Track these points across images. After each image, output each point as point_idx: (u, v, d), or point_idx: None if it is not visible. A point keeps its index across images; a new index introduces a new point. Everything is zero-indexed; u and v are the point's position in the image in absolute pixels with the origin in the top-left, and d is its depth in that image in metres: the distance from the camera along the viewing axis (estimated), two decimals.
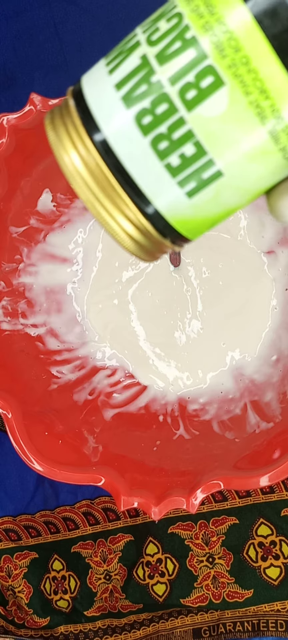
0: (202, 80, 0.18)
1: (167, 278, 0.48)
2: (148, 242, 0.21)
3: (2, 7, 0.49)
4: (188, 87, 0.18)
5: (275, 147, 0.18)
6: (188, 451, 0.44)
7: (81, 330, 0.49)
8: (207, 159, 0.18)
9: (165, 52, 0.18)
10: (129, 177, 0.19)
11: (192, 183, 0.19)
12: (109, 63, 0.19)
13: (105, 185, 0.19)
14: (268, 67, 0.17)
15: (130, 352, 0.48)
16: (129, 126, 0.19)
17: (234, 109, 0.18)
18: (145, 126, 0.19)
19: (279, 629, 0.47)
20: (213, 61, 0.17)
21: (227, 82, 0.17)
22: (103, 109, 0.19)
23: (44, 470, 0.37)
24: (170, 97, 0.18)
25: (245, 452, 0.41)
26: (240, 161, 0.18)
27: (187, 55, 0.18)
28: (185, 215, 0.20)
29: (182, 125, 0.18)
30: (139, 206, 0.20)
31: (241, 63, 0.17)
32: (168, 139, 0.18)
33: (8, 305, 0.46)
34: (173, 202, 0.19)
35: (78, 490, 0.50)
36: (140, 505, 0.37)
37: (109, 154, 0.19)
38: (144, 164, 0.19)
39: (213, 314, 0.48)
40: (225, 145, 0.18)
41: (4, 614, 0.51)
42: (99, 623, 0.50)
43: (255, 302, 0.48)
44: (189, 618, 0.48)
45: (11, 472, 0.51)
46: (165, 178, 0.19)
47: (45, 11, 0.49)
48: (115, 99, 0.19)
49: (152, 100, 0.18)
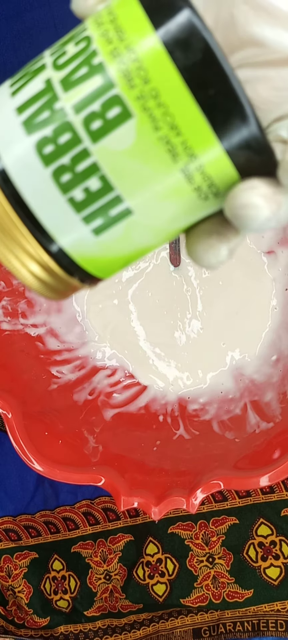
0: (108, 111, 0.16)
1: (167, 278, 0.48)
2: (55, 281, 0.19)
3: (2, 7, 0.49)
4: (93, 117, 0.17)
5: (188, 187, 0.17)
6: (188, 451, 0.44)
7: (81, 330, 0.49)
8: (114, 195, 0.17)
9: (71, 77, 0.17)
10: (29, 211, 0.18)
11: (99, 220, 0.18)
12: (13, 84, 0.18)
13: (5, 219, 0.18)
14: (179, 101, 0.16)
15: (130, 352, 0.48)
16: (29, 154, 0.17)
17: (143, 144, 0.16)
18: (47, 156, 0.17)
19: (279, 629, 0.47)
20: (121, 90, 0.16)
21: (134, 114, 0.16)
22: (1, 135, 0.17)
23: (44, 470, 0.37)
24: (74, 127, 0.17)
25: (245, 452, 0.41)
26: (151, 199, 0.17)
27: (93, 82, 0.17)
28: (93, 254, 0.18)
29: (87, 157, 0.17)
30: (42, 243, 0.18)
31: (150, 96, 0.16)
32: (71, 171, 0.17)
33: (8, 305, 0.46)
34: (78, 240, 0.18)
35: (78, 490, 0.50)
36: (140, 505, 0.37)
37: (7, 184, 0.17)
38: (46, 197, 0.17)
39: (213, 314, 0.48)
40: (133, 181, 0.17)
41: (4, 614, 0.51)
42: (99, 623, 0.50)
43: (255, 302, 0.48)
44: (189, 618, 0.48)
45: (11, 472, 0.51)
46: (68, 213, 0.17)
47: (45, 11, 0.49)
48: (16, 123, 0.17)
49: (54, 128, 0.17)
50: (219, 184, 0.17)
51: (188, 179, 0.17)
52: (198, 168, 0.17)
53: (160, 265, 0.49)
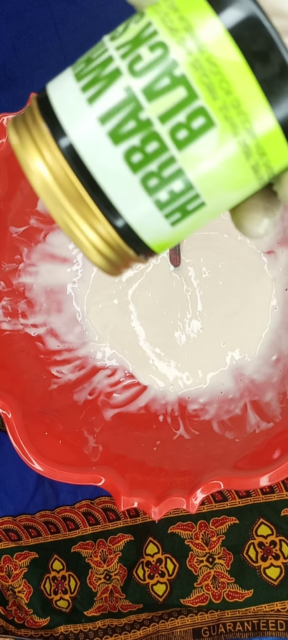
0: (193, 121, 0.18)
1: (167, 278, 0.48)
2: (118, 257, 0.21)
3: (2, 7, 0.49)
4: (179, 127, 0.18)
5: (254, 178, 0.19)
6: (188, 451, 0.44)
7: (81, 330, 0.49)
8: (194, 194, 0.19)
9: (153, 87, 0.18)
10: (116, 212, 0.19)
11: (177, 214, 0.19)
12: (86, 88, 0.19)
13: (81, 203, 0.19)
14: (258, 110, 0.18)
15: (130, 352, 0.48)
16: (117, 163, 0.18)
17: (223, 148, 0.18)
18: (135, 164, 0.18)
19: (279, 629, 0.47)
20: (205, 102, 0.17)
21: (217, 123, 0.18)
22: (87, 143, 0.18)
23: (44, 470, 0.37)
24: (161, 136, 0.18)
25: (245, 452, 0.41)
26: (223, 192, 0.19)
27: (177, 93, 0.18)
28: (164, 238, 0.20)
29: (173, 163, 0.18)
30: (118, 229, 0.19)
31: (232, 106, 0.17)
32: (158, 176, 0.18)
33: (8, 305, 0.46)
34: (157, 230, 0.20)
35: (78, 490, 0.50)
36: (140, 505, 0.37)
37: (96, 192, 0.19)
38: (132, 198, 0.19)
39: (213, 314, 0.48)
40: (211, 180, 0.19)
41: (4, 614, 0.51)
42: (99, 623, 0.50)
43: (255, 302, 0.48)
44: (189, 618, 0.48)
45: (11, 472, 0.51)
46: (153, 212, 0.19)
47: (45, 11, 0.49)
48: (101, 134, 0.18)
49: (141, 138, 0.18)
50: (274, 163, 0.19)
51: (255, 171, 0.19)
52: (266, 162, 0.18)
53: (160, 265, 0.49)
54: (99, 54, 0.19)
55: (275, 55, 0.17)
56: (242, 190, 0.19)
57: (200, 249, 0.48)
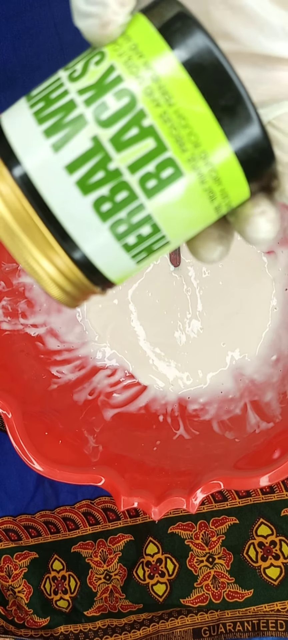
0: (162, 172, 0.18)
1: (167, 278, 0.48)
2: (77, 290, 0.21)
3: (2, 7, 0.49)
4: (148, 177, 0.18)
5: (215, 215, 0.20)
6: (188, 451, 0.44)
7: (81, 330, 0.49)
8: (160, 235, 0.19)
9: (122, 137, 0.18)
10: (84, 257, 0.19)
11: (143, 254, 0.20)
12: (49, 133, 0.18)
13: (49, 249, 0.19)
14: (224, 159, 0.18)
15: (130, 352, 0.48)
16: (85, 212, 0.18)
17: (190, 194, 0.18)
18: (104, 213, 0.18)
19: (279, 629, 0.47)
20: (174, 154, 0.18)
21: (185, 173, 0.18)
22: (54, 192, 0.18)
23: (44, 470, 0.37)
24: (131, 185, 0.18)
25: (245, 452, 0.41)
26: (187, 230, 0.20)
27: (146, 144, 0.18)
28: (127, 273, 0.21)
29: (142, 210, 0.19)
30: (84, 270, 0.20)
31: (200, 157, 0.18)
32: (127, 223, 0.19)
33: (8, 305, 0.46)
34: (122, 269, 0.20)
35: (78, 490, 0.50)
36: (140, 505, 0.37)
37: (67, 241, 0.19)
38: (101, 244, 0.19)
39: (213, 314, 0.48)
40: (177, 222, 0.19)
41: (4, 614, 0.51)
42: (99, 623, 0.50)
43: (255, 302, 0.48)
44: (189, 618, 0.48)
45: (11, 472, 0.51)
46: (120, 255, 0.19)
47: (45, 11, 0.49)
48: (69, 184, 0.18)
49: (111, 188, 0.18)
50: (234, 201, 0.19)
51: (217, 211, 0.19)
52: (228, 203, 0.19)
53: (160, 265, 0.49)
54: (59, 94, 0.18)
55: (241, 108, 0.18)
56: (203, 226, 0.20)
57: None
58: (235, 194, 0.19)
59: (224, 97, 0.18)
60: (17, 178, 0.18)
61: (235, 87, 0.18)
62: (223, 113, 0.18)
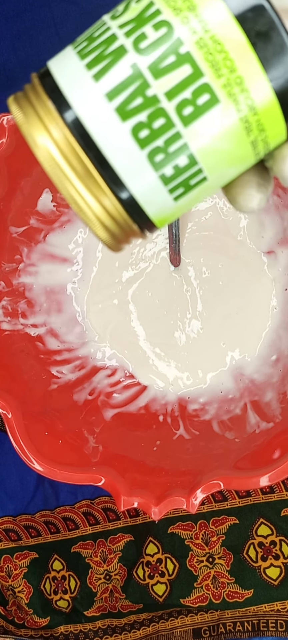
0: (199, 98, 0.18)
1: (167, 278, 0.48)
2: (121, 231, 0.21)
3: (2, 8, 0.49)
4: (185, 104, 0.18)
5: (252, 153, 0.20)
6: (188, 451, 0.44)
7: (81, 330, 0.49)
8: (197, 168, 0.19)
9: (159, 65, 0.18)
10: (123, 186, 0.19)
11: (181, 189, 0.20)
12: (91, 66, 0.19)
13: (89, 179, 0.19)
14: (259, 87, 0.18)
15: (130, 352, 0.48)
16: (124, 139, 0.19)
17: (226, 124, 0.19)
18: (142, 139, 0.19)
19: (279, 629, 0.47)
20: (210, 79, 0.18)
21: (222, 100, 0.18)
22: (94, 119, 0.19)
23: (44, 470, 0.37)
24: (167, 112, 0.18)
25: (245, 452, 0.41)
26: (224, 167, 0.20)
27: (183, 71, 0.18)
28: (166, 213, 0.21)
29: (179, 139, 0.19)
30: (124, 203, 0.20)
31: (235, 83, 0.18)
32: (164, 152, 0.19)
33: (8, 305, 0.46)
34: (160, 205, 0.20)
35: (78, 490, 0.50)
36: (140, 505, 0.37)
37: (103, 166, 0.19)
38: (139, 173, 0.19)
39: (213, 314, 0.48)
40: (214, 155, 0.19)
41: (4, 614, 0.51)
42: (99, 623, 0.50)
43: (255, 302, 0.48)
44: (189, 618, 0.48)
45: (11, 472, 0.51)
46: (158, 186, 0.20)
47: (45, 11, 0.49)
48: (108, 110, 0.19)
49: (148, 114, 0.18)
50: (271, 139, 0.20)
51: (254, 147, 0.19)
52: (264, 138, 0.19)
53: (160, 265, 0.49)
54: (101, 32, 0.19)
55: (275, 34, 0.18)
56: (240, 166, 0.20)
57: (200, 249, 0.48)
58: (272, 130, 0.19)
59: (258, 23, 0.18)
60: (65, 118, 0.19)
61: (268, 13, 0.18)
62: (258, 39, 0.18)
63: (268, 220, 0.47)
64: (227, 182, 0.21)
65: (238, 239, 0.48)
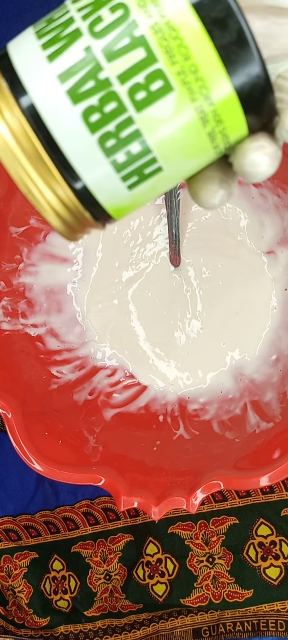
0: (152, 84, 0.18)
1: (167, 278, 0.48)
2: (75, 220, 0.21)
3: (2, 8, 0.49)
4: (137, 88, 0.18)
5: (210, 146, 0.19)
6: (188, 451, 0.44)
7: (81, 330, 0.49)
8: (151, 157, 0.19)
9: (113, 47, 0.18)
10: (74, 173, 0.19)
11: (134, 177, 0.19)
12: (46, 46, 0.19)
13: (39, 162, 0.19)
14: (216, 77, 0.18)
15: (130, 352, 0.48)
16: (75, 122, 0.18)
17: (180, 113, 0.18)
18: (93, 124, 0.18)
19: (279, 629, 0.47)
20: (164, 66, 0.18)
21: (175, 87, 0.18)
22: (44, 99, 0.18)
23: (44, 470, 0.37)
24: (119, 96, 0.18)
25: (245, 452, 0.41)
26: (180, 158, 0.19)
27: (137, 54, 0.18)
28: (121, 203, 0.20)
29: (131, 124, 0.18)
30: (75, 190, 0.19)
31: (190, 71, 0.18)
32: (116, 137, 0.18)
33: (8, 305, 0.46)
34: (114, 194, 0.20)
35: (78, 490, 0.50)
36: (140, 505, 0.37)
37: (53, 148, 0.19)
38: (90, 159, 0.19)
39: (213, 314, 0.48)
40: (168, 144, 0.19)
41: (4, 614, 0.51)
42: (99, 623, 0.50)
43: (255, 302, 0.48)
44: (189, 618, 0.48)
45: (11, 472, 0.51)
46: (110, 174, 0.19)
47: (45, 11, 0.49)
48: (60, 92, 0.18)
49: (100, 97, 0.18)
50: (230, 132, 0.19)
51: (212, 139, 0.19)
52: (222, 130, 0.19)
53: (160, 265, 0.49)
54: (60, 14, 0.19)
55: (232, 22, 0.17)
56: (199, 159, 0.20)
57: (200, 249, 0.48)
58: (231, 123, 0.19)
59: (215, 9, 0.17)
60: (17, 98, 0.19)
61: (226, 1, 0.17)
62: (214, 26, 0.17)
63: (268, 220, 0.47)
64: (187, 175, 0.21)
65: (238, 239, 0.48)
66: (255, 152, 0.19)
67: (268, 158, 0.20)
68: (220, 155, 0.20)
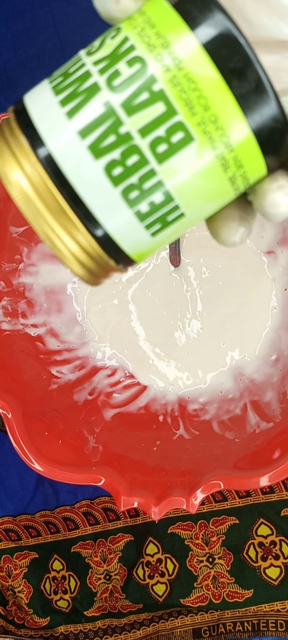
0: (173, 136, 0.18)
1: (167, 278, 0.49)
2: (98, 267, 0.21)
3: (2, 8, 0.49)
4: (159, 141, 0.18)
5: (231, 189, 0.19)
6: (188, 451, 0.44)
7: (81, 330, 0.49)
8: (174, 205, 0.19)
9: (132, 102, 0.18)
10: (97, 224, 0.19)
11: (157, 225, 0.20)
12: (64, 103, 0.19)
13: (63, 216, 0.19)
14: (235, 124, 0.18)
15: (130, 352, 0.48)
16: (97, 177, 0.19)
17: (202, 161, 0.18)
18: (116, 177, 0.19)
19: (279, 629, 0.47)
20: (184, 118, 0.18)
21: (196, 138, 0.18)
22: (67, 156, 0.19)
23: (44, 470, 0.37)
24: (141, 150, 0.18)
25: (245, 452, 0.41)
26: (202, 203, 0.20)
27: (157, 108, 0.18)
28: (144, 248, 0.21)
29: (153, 176, 0.19)
30: (99, 240, 0.20)
31: (210, 121, 0.18)
32: (139, 188, 0.19)
33: (8, 305, 0.46)
34: (137, 241, 0.20)
35: (78, 490, 0.50)
36: (140, 505, 0.37)
37: (78, 205, 0.19)
38: (113, 210, 0.19)
39: (213, 314, 0.48)
40: (190, 191, 0.19)
41: (4, 614, 0.51)
42: (99, 623, 0.50)
43: (255, 302, 0.48)
44: (189, 618, 0.48)
45: (11, 472, 0.51)
46: (134, 223, 0.19)
47: (45, 11, 0.49)
48: (81, 148, 0.18)
49: (122, 151, 0.18)
50: (250, 174, 0.19)
51: (232, 183, 0.19)
52: (243, 174, 0.19)
53: (160, 266, 0.49)
54: (76, 68, 0.19)
55: (250, 71, 0.18)
56: (220, 201, 0.20)
57: (200, 249, 0.48)
58: (251, 166, 0.19)
59: (233, 59, 0.18)
60: (38, 154, 0.19)
61: (243, 49, 0.18)
62: (233, 76, 0.18)
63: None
64: (208, 216, 0.21)
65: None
66: (275, 193, 0.20)
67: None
68: (240, 194, 0.20)
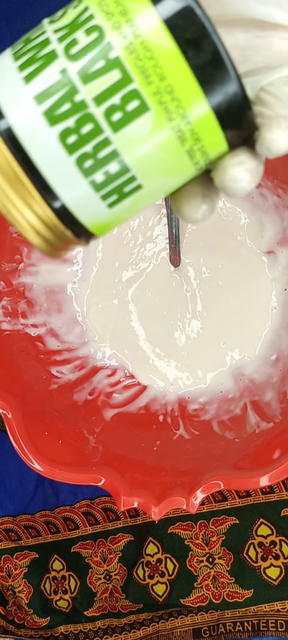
0: (128, 104, 0.18)
1: (167, 278, 0.48)
2: (56, 238, 0.21)
3: (2, 7, 0.49)
4: (113, 109, 0.18)
5: (190, 163, 0.19)
6: (188, 451, 0.44)
7: (81, 330, 0.49)
8: (130, 176, 0.19)
9: (88, 70, 0.18)
10: (53, 193, 0.19)
11: (114, 196, 0.20)
12: (23, 67, 0.19)
13: (18, 183, 0.19)
14: (192, 97, 0.18)
15: (130, 352, 0.48)
16: (52, 144, 0.18)
17: (157, 132, 0.18)
18: (70, 145, 0.18)
19: (279, 629, 0.47)
20: (139, 86, 0.18)
21: (151, 107, 0.18)
22: (21, 119, 0.18)
23: (44, 470, 0.37)
24: (96, 118, 0.18)
25: (245, 452, 0.41)
26: (160, 176, 0.19)
27: (112, 76, 0.18)
28: (102, 220, 0.20)
29: (108, 145, 0.18)
30: (54, 209, 0.20)
31: (165, 91, 0.18)
32: (93, 157, 0.19)
33: (8, 305, 0.46)
34: (94, 212, 0.20)
35: (78, 490, 0.50)
36: (140, 505, 0.37)
37: (32, 171, 0.19)
38: (68, 179, 0.19)
39: (213, 314, 0.48)
40: (147, 163, 0.19)
41: (4, 614, 0.51)
42: (99, 623, 0.50)
43: (255, 302, 0.48)
44: (189, 618, 0.48)
45: (11, 472, 0.51)
46: (89, 193, 0.19)
47: (45, 11, 0.49)
48: (36, 113, 0.18)
49: (76, 119, 0.18)
50: (209, 149, 0.19)
51: (191, 156, 0.19)
52: (201, 147, 0.19)
53: (160, 265, 0.49)
54: (37, 35, 0.19)
55: (207, 42, 0.17)
56: (179, 176, 0.20)
57: (200, 249, 0.48)
58: (209, 140, 0.19)
59: (189, 30, 0.17)
60: (16, 155, 0.19)
61: (200, 19, 0.17)
62: (189, 46, 0.17)
63: (268, 220, 0.47)
64: (169, 191, 0.21)
65: (238, 239, 0.48)
66: (235, 167, 0.19)
67: (249, 174, 0.19)
68: (201, 171, 0.20)
